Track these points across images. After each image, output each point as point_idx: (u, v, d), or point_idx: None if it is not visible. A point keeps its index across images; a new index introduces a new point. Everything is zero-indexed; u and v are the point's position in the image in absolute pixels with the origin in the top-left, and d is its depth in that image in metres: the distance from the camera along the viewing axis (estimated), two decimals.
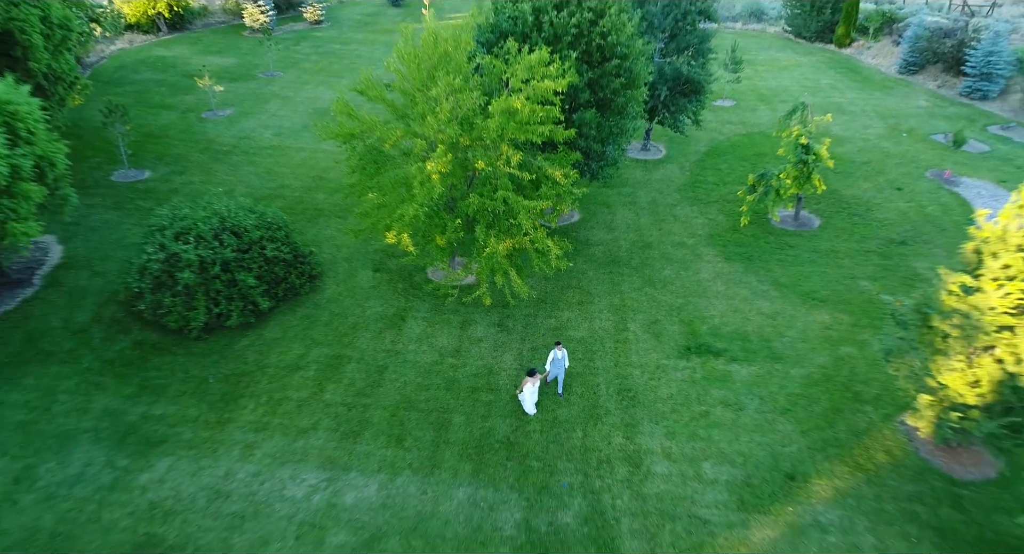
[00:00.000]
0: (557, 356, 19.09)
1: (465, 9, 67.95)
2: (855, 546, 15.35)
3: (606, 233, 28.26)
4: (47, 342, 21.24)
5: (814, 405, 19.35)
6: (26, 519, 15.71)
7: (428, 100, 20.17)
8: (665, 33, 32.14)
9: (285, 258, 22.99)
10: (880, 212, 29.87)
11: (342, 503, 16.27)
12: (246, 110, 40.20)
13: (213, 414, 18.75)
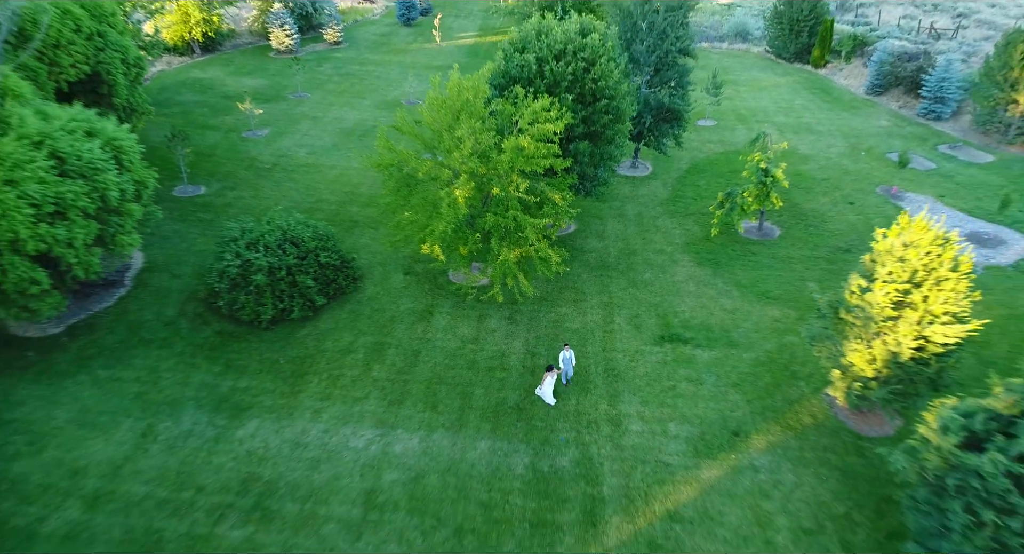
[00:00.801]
0: (566, 356, 24.01)
1: (471, 28, 73.31)
2: (779, 481, 20.52)
3: (598, 242, 33.42)
4: (145, 331, 26.39)
5: (759, 381, 24.51)
6: (156, 462, 20.87)
7: (453, 138, 25.28)
8: (650, 68, 37.22)
9: (334, 264, 28.15)
10: (832, 224, 35.02)
11: (392, 451, 21.43)
12: (281, 130, 45.31)
13: (286, 387, 23.92)
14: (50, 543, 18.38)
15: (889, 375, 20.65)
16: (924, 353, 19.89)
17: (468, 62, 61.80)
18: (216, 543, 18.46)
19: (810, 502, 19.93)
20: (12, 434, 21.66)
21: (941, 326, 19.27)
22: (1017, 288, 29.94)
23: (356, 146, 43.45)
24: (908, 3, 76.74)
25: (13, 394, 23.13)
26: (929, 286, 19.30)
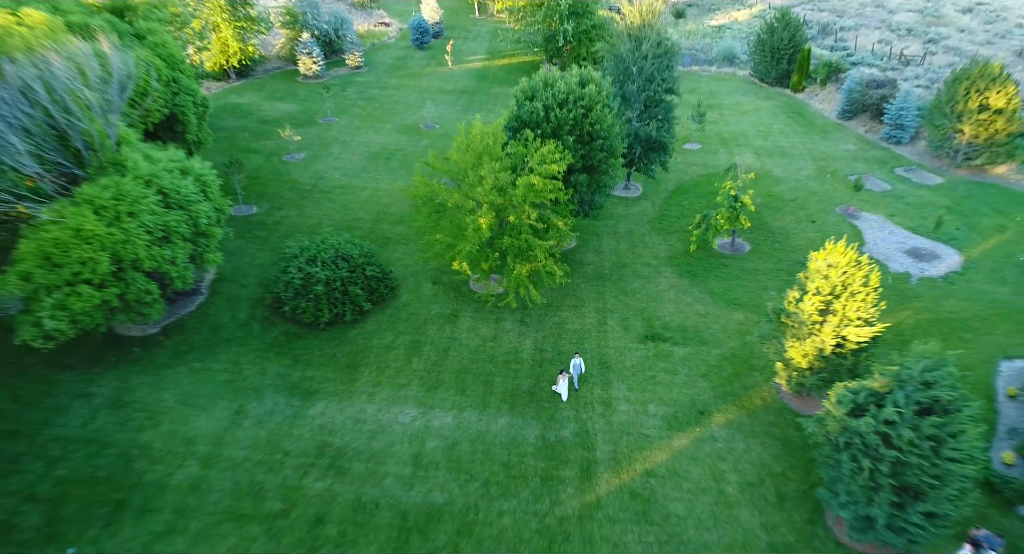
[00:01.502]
0: (576, 362, 29.84)
1: (479, 51, 79.26)
2: (732, 448, 26.55)
3: (595, 255, 39.45)
4: (225, 331, 32.43)
5: (723, 371, 30.54)
6: (249, 434, 26.91)
7: (477, 175, 31.29)
8: (640, 105, 43.17)
9: (377, 276, 34.20)
10: (795, 240, 41.01)
11: (432, 425, 27.47)
12: (315, 153, 51.32)
13: (344, 376, 29.96)
14: (178, 492, 24.43)
15: (818, 366, 26.66)
16: (843, 349, 25.90)
17: (477, 86, 67.95)
18: (304, 492, 24.50)
19: (755, 463, 25.96)
20: (133, 412, 27.70)
21: (854, 328, 25.27)
22: (943, 296, 35.96)
23: (383, 169, 49.48)
24: (884, 27, 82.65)
25: (129, 382, 29.17)
26: (845, 298, 25.30)
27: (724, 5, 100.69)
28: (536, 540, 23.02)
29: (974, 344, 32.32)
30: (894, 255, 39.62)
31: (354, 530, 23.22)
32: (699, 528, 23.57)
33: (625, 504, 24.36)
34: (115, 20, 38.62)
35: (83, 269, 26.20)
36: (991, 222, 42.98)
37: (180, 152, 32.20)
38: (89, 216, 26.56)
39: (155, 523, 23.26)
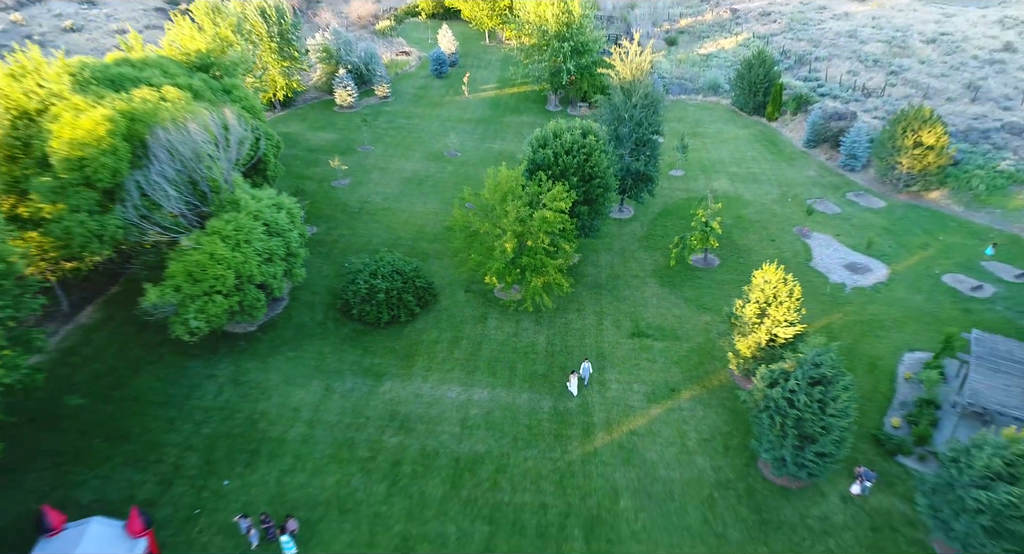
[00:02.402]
0: (586, 365, 39.09)
1: (491, 80, 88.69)
2: (694, 415, 36.09)
3: (593, 269, 48.99)
4: (307, 329, 41.98)
5: (691, 360, 40.09)
6: (338, 405, 36.47)
7: (503, 210, 40.76)
8: (631, 143, 52.61)
9: (423, 286, 43.76)
10: (756, 256, 50.47)
11: (472, 399, 37.02)
12: (359, 180, 60.82)
13: (403, 363, 39.52)
14: (294, 444, 33.98)
15: (759, 356, 36.19)
16: (775, 343, 35.42)
17: (492, 115, 77.47)
18: (384, 444, 34.07)
19: (710, 425, 35.55)
20: (249, 388, 37.28)
21: (782, 328, 34.79)
22: (869, 302, 45.50)
23: (416, 193, 58.98)
24: (854, 58, 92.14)
25: (241, 366, 38.74)
26: (775, 305, 34.83)
27: (713, 33, 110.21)
28: (551, 476, 32.61)
29: (887, 340, 41.90)
30: (835, 269, 49.18)
31: (422, 470, 32.81)
32: (667, 469, 33.15)
33: (614, 453, 33.94)
34: (209, 79, 48.21)
35: (216, 283, 35.75)
36: (918, 240, 52.53)
37: (272, 191, 41.74)
38: (219, 244, 36.10)
39: (281, 464, 32.85)
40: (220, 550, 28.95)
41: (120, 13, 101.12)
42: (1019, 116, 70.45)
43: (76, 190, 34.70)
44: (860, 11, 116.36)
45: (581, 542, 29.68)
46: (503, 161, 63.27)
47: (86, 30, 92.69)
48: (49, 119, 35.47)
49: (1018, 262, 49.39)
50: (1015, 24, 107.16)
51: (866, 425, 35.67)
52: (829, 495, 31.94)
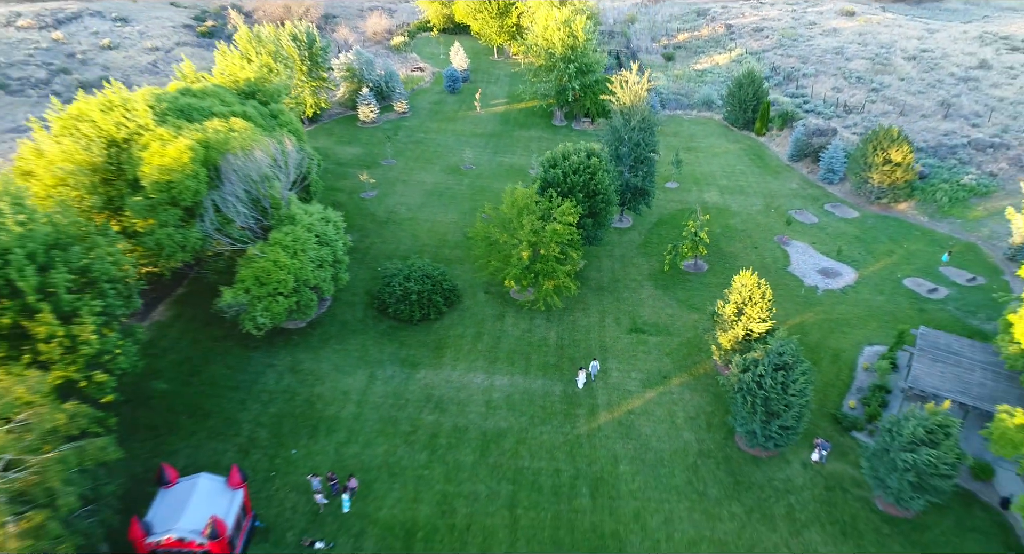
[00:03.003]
0: (594, 363, 45.51)
1: (501, 95, 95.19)
2: (682, 398, 42.76)
3: (596, 273, 55.60)
4: (349, 325, 48.63)
5: (681, 352, 46.75)
6: (381, 389, 43.12)
7: (519, 223, 47.37)
8: (630, 161, 59.16)
9: (449, 288, 50.41)
10: (740, 262, 57.05)
11: (494, 384, 43.69)
12: (384, 192, 67.42)
13: (434, 354, 46.18)
14: (347, 421, 40.65)
15: (737, 348, 42.81)
16: (750, 337, 42.04)
17: (503, 130, 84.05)
18: (422, 421, 40.71)
19: (695, 406, 42.21)
20: (305, 376, 43.93)
21: (755, 324, 41.41)
22: (838, 303, 52.11)
23: (437, 204, 65.57)
24: (839, 75, 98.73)
25: (296, 357, 45.40)
26: (751, 305, 41.46)
27: (708, 49, 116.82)
28: (563, 447, 39.29)
29: (850, 335, 48.56)
30: (809, 273, 55.82)
31: (455, 442, 39.48)
32: (659, 441, 39.83)
33: (615, 429, 40.61)
34: (258, 106, 54.86)
35: (279, 285, 42.40)
36: (885, 248, 59.19)
37: (320, 207, 48.39)
38: (280, 253, 42.73)
39: (338, 437, 39.54)
40: (293, 504, 35.63)
41: (151, 30, 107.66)
42: (985, 133, 77.09)
43: (164, 208, 41.38)
44: (848, 27, 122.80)
45: (588, 498, 36.37)
46: (514, 174, 70.30)
47: (122, 48, 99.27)
48: (139, 148, 42.11)
49: (971, 268, 56.02)
50: (993, 40, 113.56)
51: (827, 406, 42.39)
52: (792, 462, 38.63)
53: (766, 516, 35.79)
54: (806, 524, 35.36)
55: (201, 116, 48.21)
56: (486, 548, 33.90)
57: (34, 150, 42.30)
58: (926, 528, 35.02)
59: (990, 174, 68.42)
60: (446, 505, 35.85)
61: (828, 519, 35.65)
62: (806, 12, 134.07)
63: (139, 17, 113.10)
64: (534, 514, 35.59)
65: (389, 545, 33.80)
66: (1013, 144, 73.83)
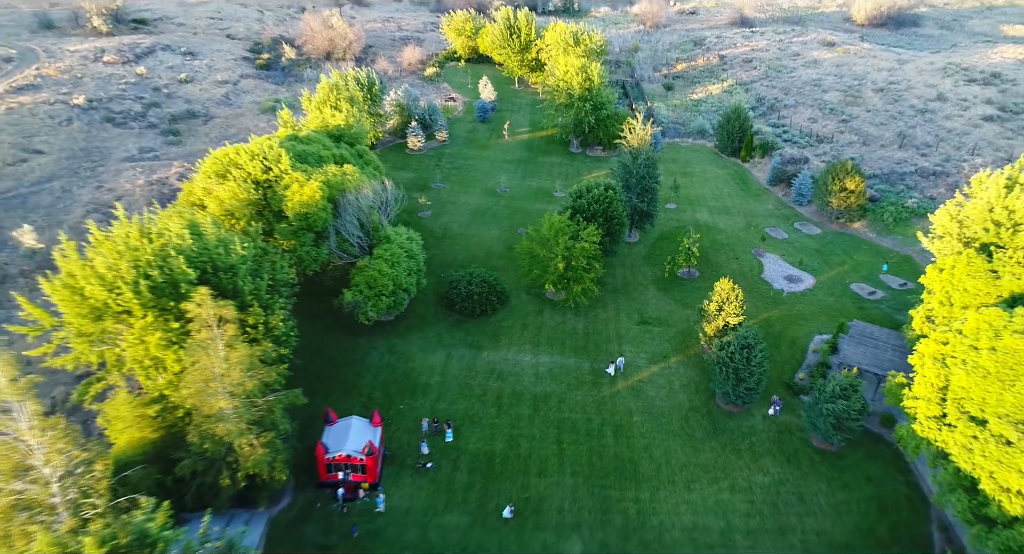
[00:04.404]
0: (621, 359, 60.92)
1: (524, 123, 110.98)
2: (678, 372, 58.52)
3: (612, 278, 71.30)
4: (427, 318, 64.30)
5: (677, 338, 62.52)
6: (457, 365, 58.92)
7: (556, 241, 63.03)
8: (637, 190, 74.76)
9: (501, 290, 66.14)
10: (724, 270, 72.67)
11: (539, 361, 59.46)
12: (437, 212, 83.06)
13: (492, 340, 61.90)
14: (435, 387, 56.38)
15: (718, 335, 58.44)
16: (728, 327, 57.71)
17: (528, 156, 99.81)
18: (489, 387, 56.44)
19: (688, 377, 57.99)
20: (400, 355, 59.64)
21: (731, 317, 57.06)
22: (798, 303, 67.81)
23: (481, 222, 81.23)
24: (816, 106, 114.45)
25: (390, 341, 61.05)
26: (727, 304, 57.15)
27: (703, 79, 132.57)
28: (592, 404, 55.04)
29: (806, 327, 64.28)
30: (778, 279, 71.55)
31: (515, 401, 55.21)
32: (661, 401, 55.57)
33: (629, 392, 56.36)
34: (347, 147, 70.57)
35: (382, 289, 58.08)
36: (839, 259, 74.96)
37: (405, 228, 64.08)
38: (383, 264, 58.39)
39: (430, 397, 55.24)
40: (407, 441, 51.32)
41: (217, 63, 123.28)
42: (931, 162, 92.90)
43: (303, 233, 57.10)
44: (828, 58, 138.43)
45: (611, 438, 52.16)
46: (542, 196, 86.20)
47: (196, 81, 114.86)
48: (281, 187, 57.77)
49: (905, 275, 71.77)
50: (955, 72, 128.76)
51: (784, 377, 58.12)
52: (755, 415, 54.42)
53: (735, 449, 51.56)
54: (762, 454, 51.13)
55: (313, 159, 64.02)
56: (542, 469, 49.64)
57: (203, 189, 57.96)
58: (844, 457, 50.79)
59: (930, 198, 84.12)
60: (513, 442, 51.60)
61: (778, 451, 51.42)
62: (791, 42, 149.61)
63: (203, 50, 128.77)
64: (574, 448, 51.34)
65: (477, 467, 49.55)
66: (953, 172, 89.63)
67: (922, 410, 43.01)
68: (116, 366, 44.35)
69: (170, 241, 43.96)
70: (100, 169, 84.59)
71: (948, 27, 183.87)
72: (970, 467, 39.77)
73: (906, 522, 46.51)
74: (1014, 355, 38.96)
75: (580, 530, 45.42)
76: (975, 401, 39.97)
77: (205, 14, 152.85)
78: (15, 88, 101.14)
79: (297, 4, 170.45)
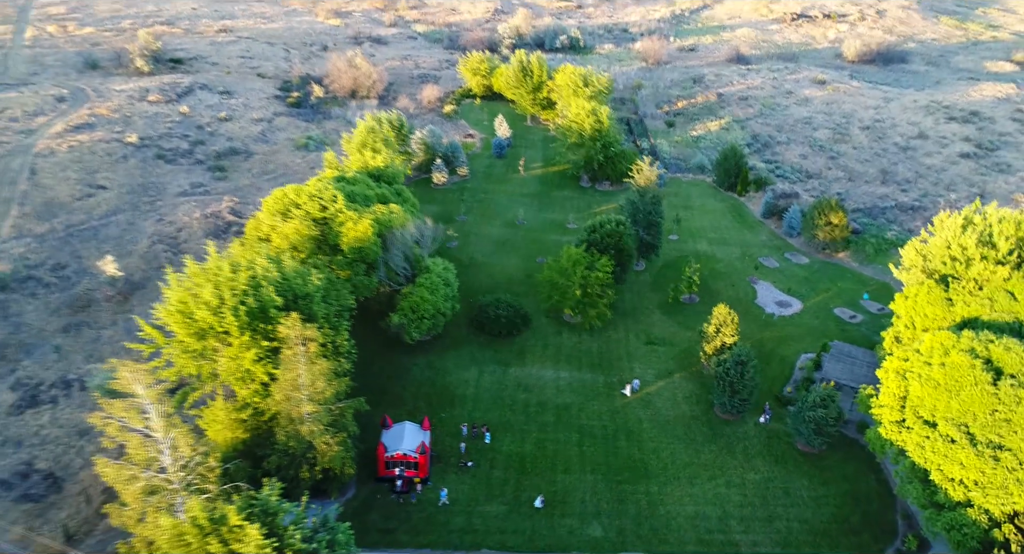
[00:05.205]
0: (636, 381, 69.45)
1: (538, 158, 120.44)
2: (681, 385, 67.11)
3: (622, 303, 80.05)
4: (460, 339, 72.96)
5: (680, 357, 71.17)
6: (488, 379, 67.56)
7: (573, 271, 71.95)
8: (643, 224, 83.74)
9: (523, 314, 74.94)
10: (722, 296, 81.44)
11: (560, 376, 68.11)
12: (463, 242, 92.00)
13: (518, 358, 70.64)
14: (471, 398, 64.96)
15: (716, 354, 67.11)
16: (725, 346, 66.37)
17: (543, 190, 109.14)
18: (517, 398, 65.03)
19: (690, 390, 66.59)
20: (438, 370, 68.27)
21: (728, 338, 65.75)
22: (787, 325, 76.57)
23: (502, 252, 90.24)
24: (805, 144, 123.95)
25: (429, 358, 69.70)
26: (724, 326, 65.87)
27: (702, 115, 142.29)
28: (607, 413, 63.61)
29: (794, 346, 73.00)
30: (769, 304, 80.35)
31: (540, 410, 63.79)
32: (666, 411, 64.12)
33: (639, 403, 64.95)
34: (387, 187, 79.75)
35: (425, 313, 66.86)
36: (824, 286, 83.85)
37: (440, 259, 73.03)
38: (425, 292, 67.24)
39: (466, 407, 63.79)
40: (451, 442, 59.82)
41: (251, 102, 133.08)
42: (910, 197, 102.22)
43: (357, 264, 66.05)
44: (819, 96, 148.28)
45: (624, 441, 60.68)
46: (556, 228, 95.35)
47: (234, 119, 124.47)
48: (337, 224, 66.78)
49: (883, 301, 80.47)
50: (937, 109, 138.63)
51: (774, 391, 66.68)
52: (748, 422, 62.96)
53: (731, 451, 60.04)
54: (754, 456, 59.63)
55: (360, 198, 73.15)
56: (566, 467, 58.12)
57: (270, 226, 66.97)
58: (824, 458, 59.25)
59: (908, 231, 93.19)
60: (540, 444, 60.11)
61: (768, 453, 59.91)
62: (785, 80, 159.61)
63: (238, 89, 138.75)
64: (592, 450, 59.84)
65: (511, 465, 58.04)
66: (929, 207, 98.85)
67: (886, 415, 51.61)
68: (210, 378, 53.08)
69: (258, 273, 52.87)
70: (159, 203, 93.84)
71: (934, 63, 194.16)
72: (923, 461, 48.30)
73: (876, 512, 54.91)
74: (959, 369, 47.66)
75: (600, 517, 53.77)
76: (927, 407, 48.59)
77: (235, 53, 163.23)
78: (73, 127, 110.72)
79: (319, 42, 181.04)
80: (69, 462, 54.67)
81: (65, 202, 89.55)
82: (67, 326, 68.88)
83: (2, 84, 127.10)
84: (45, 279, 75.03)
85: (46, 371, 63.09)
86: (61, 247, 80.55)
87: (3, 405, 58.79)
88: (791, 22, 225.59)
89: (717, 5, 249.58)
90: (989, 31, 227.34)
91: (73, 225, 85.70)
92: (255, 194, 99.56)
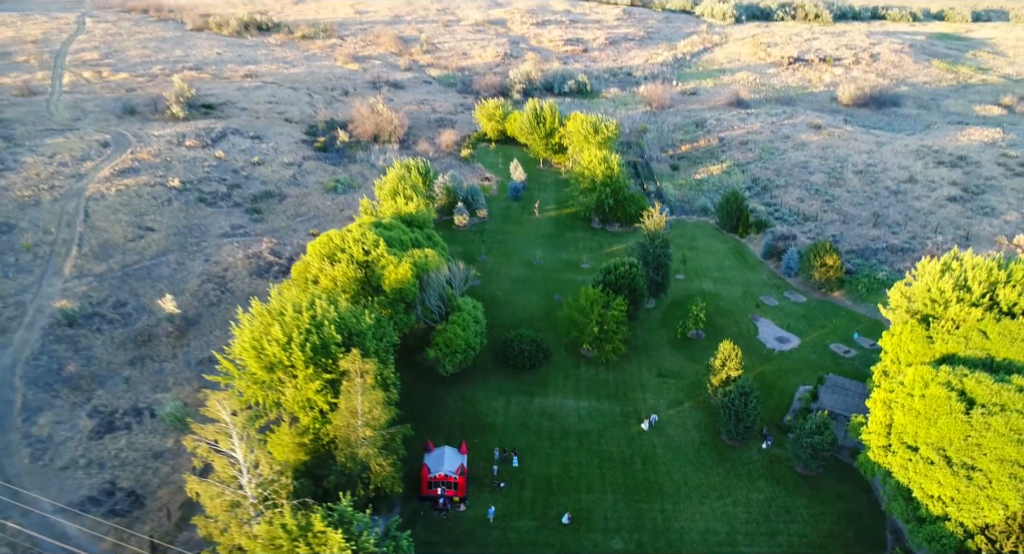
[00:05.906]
0: (653, 416, 76.25)
1: (551, 200, 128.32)
2: (691, 414, 73.84)
3: (634, 338, 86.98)
4: (487, 371, 79.85)
5: (689, 388, 77.93)
6: (516, 408, 74.32)
7: (591, 309, 79.14)
8: (653, 265, 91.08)
9: (544, 348, 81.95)
10: (725, 333, 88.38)
11: (580, 406, 74.91)
12: (485, 281, 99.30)
13: (541, 388, 77.46)
14: (500, 427, 71.67)
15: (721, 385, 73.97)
16: (729, 378, 73.24)
17: (556, 231, 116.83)
18: (542, 425, 71.73)
19: (699, 419, 73.31)
20: (470, 400, 75.10)
21: (732, 371, 72.67)
22: (787, 359, 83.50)
23: (522, 290, 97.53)
24: (802, 187, 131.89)
25: (461, 389, 76.51)
26: (729, 361, 72.84)
27: (704, 159, 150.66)
28: (624, 439, 70.28)
29: (793, 379, 79.85)
30: (770, 339, 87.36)
31: (563, 436, 70.46)
32: (678, 437, 70.79)
33: (653, 431, 71.60)
34: (419, 231, 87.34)
35: (457, 347, 73.90)
36: (820, 323, 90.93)
37: (471, 299, 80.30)
38: (457, 329, 74.36)
39: (496, 434, 70.51)
40: (483, 465, 66.39)
41: (281, 146, 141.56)
42: (900, 239, 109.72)
43: (397, 304, 73.31)
44: (815, 140, 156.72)
45: (640, 465, 67.29)
46: (571, 267, 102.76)
47: (266, 164, 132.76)
48: (379, 267, 74.19)
49: (874, 337, 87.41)
50: (927, 154, 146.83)
51: (775, 420, 73.38)
52: (752, 448, 69.61)
53: (737, 474, 66.62)
54: (757, 478, 66.18)
55: (397, 243, 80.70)
56: (589, 488, 64.67)
57: (318, 268, 74.38)
58: (821, 480, 65.79)
59: (898, 271, 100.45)
60: (565, 467, 66.71)
61: (770, 475, 66.48)
62: (783, 125, 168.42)
63: (268, 134, 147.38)
64: (612, 472, 66.44)
65: (539, 485, 64.59)
66: (918, 248, 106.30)
67: (874, 441, 58.35)
68: (274, 406, 60.02)
69: (318, 313, 60.12)
70: (204, 244, 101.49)
71: (926, 106, 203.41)
72: (906, 481, 54.91)
73: (867, 528, 61.35)
74: (937, 400, 54.56)
75: (621, 532, 60.23)
76: (910, 433, 55.37)
77: (263, 98, 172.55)
78: (119, 171, 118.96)
79: (340, 87, 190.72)
80: (148, 481, 61.30)
81: (119, 243, 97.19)
82: (133, 359, 75.92)
83: (49, 130, 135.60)
84: (108, 315, 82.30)
85: (118, 400, 69.99)
86: (120, 286, 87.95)
87: (85, 430, 65.64)
88: (788, 65, 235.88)
89: (717, 49, 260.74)
90: (979, 74, 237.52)
91: (128, 265, 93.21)
92: (291, 235, 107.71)
